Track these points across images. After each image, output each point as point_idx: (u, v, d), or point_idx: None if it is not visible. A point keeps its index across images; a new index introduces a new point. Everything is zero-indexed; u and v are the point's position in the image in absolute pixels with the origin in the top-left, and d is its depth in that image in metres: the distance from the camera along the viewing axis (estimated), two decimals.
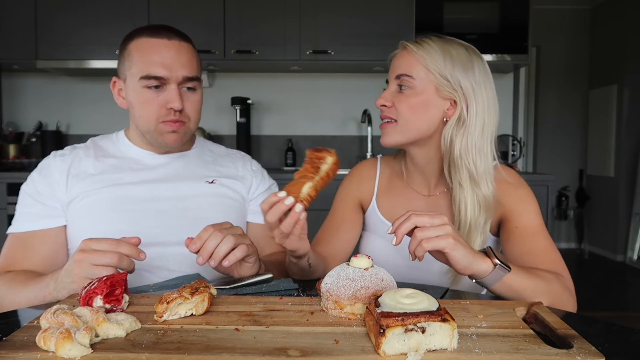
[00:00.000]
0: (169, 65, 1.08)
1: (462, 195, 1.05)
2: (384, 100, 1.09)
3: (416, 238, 0.81)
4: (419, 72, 1.05)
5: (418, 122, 1.06)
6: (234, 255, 0.90)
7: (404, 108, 1.06)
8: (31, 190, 1.12)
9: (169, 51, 1.09)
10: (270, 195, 0.85)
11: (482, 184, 1.04)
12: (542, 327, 0.69)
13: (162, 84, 1.09)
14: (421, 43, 1.06)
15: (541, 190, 2.76)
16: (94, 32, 2.96)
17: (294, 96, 3.44)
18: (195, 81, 1.13)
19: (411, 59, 1.06)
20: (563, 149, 5.62)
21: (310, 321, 0.70)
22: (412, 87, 1.06)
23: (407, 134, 1.08)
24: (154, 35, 1.09)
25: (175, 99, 1.09)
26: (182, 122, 1.12)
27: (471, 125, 1.04)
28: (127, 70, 1.11)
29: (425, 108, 1.06)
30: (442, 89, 1.05)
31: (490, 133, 1.07)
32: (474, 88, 1.04)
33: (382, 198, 1.19)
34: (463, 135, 1.04)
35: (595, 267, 4.84)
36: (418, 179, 1.16)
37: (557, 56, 5.48)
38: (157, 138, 1.14)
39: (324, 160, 0.86)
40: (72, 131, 3.39)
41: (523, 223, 1.05)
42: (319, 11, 3.01)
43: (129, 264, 0.86)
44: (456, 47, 1.06)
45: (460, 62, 1.04)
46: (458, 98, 1.04)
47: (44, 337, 0.58)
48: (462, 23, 3.02)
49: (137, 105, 1.12)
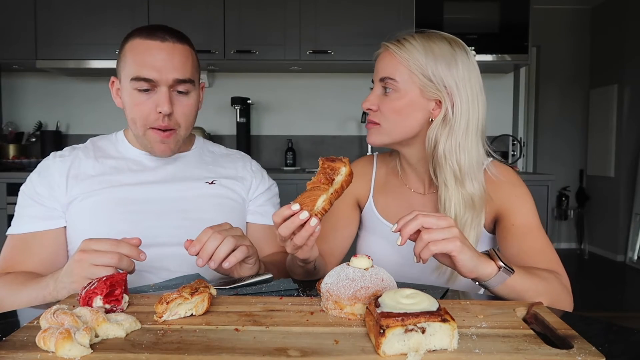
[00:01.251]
0: (159, 68, 1.06)
1: (447, 195, 1.04)
2: (370, 103, 1.08)
3: (422, 240, 0.80)
4: (402, 74, 1.03)
5: (402, 124, 1.06)
6: (234, 257, 0.89)
7: (389, 111, 1.05)
8: (31, 191, 1.12)
9: (161, 53, 1.07)
10: (283, 208, 0.82)
11: (467, 183, 1.03)
12: (542, 327, 0.69)
13: (153, 87, 1.08)
14: (403, 42, 1.04)
15: (541, 190, 2.76)
16: (94, 32, 2.96)
17: (294, 96, 3.44)
18: (188, 84, 1.10)
19: (393, 60, 1.05)
20: (563, 149, 5.62)
21: (310, 321, 0.70)
22: (396, 89, 1.04)
23: (391, 136, 1.07)
24: (148, 37, 1.08)
25: (165, 102, 1.07)
26: (171, 130, 1.11)
27: (456, 124, 1.02)
28: (122, 70, 1.11)
29: (410, 110, 1.05)
30: (426, 89, 1.03)
31: (476, 129, 1.04)
32: (458, 85, 1.02)
33: (378, 196, 1.19)
34: (448, 135, 1.03)
35: (595, 267, 4.84)
36: (412, 177, 1.16)
37: (557, 56, 5.47)
38: (147, 145, 1.14)
39: (338, 172, 0.83)
40: (72, 131, 3.39)
41: (519, 221, 1.04)
42: (319, 11, 3.01)
43: (129, 264, 0.85)
44: (439, 42, 1.04)
45: (444, 59, 1.02)
46: (442, 98, 1.03)
47: (44, 337, 0.58)
48: (462, 23, 3.02)
49: (128, 107, 1.12)
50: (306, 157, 3.45)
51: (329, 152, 3.45)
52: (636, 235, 4.73)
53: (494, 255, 0.84)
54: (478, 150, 1.05)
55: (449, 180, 1.03)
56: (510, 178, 1.10)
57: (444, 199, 1.04)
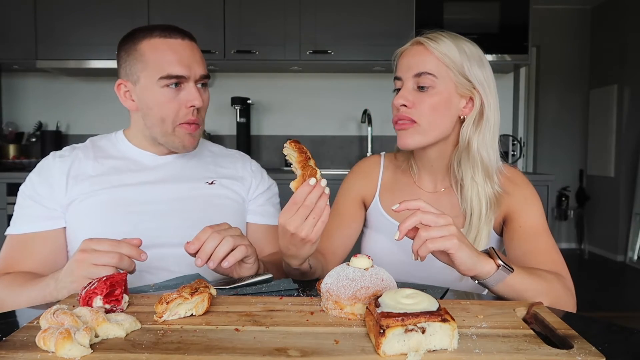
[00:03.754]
0: (188, 64, 1.09)
1: (475, 190, 1.05)
2: (404, 99, 1.04)
3: (420, 237, 0.80)
4: (439, 69, 1.03)
5: (440, 122, 1.05)
6: (233, 256, 0.89)
7: (426, 109, 1.03)
8: (30, 191, 1.11)
9: (185, 50, 1.10)
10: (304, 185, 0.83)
11: (494, 178, 1.06)
12: (542, 327, 0.69)
13: (181, 83, 1.10)
14: (436, 39, 1.04)
15: (541, 190, 2.76)
16: (94, 32, 2.96)
17: (294, 96, 3.44)
18: (207, 78, 1.15)
19: (430, 55, 1.03)
20: (563, 149, 5.62)
21: (310, 321, 0.70)
22: (434, 85, 1.03)
23: (428, 136, 1.05)
24: (167, 36, 1.10)
25: (197, 96, 1.10)
26: (197, 124, 1.14)
27: (486, 121, 1.05)
28: (140, 71, 1.10)
29: (447, 108, 1.04)
30: (460, 86, 1.04)
31: (498, 128, 1.08)
32: (489, 84, 1.05)
33: (384, 195, 1.19)
34: (480, 132, 1.05)
35: (595, 267, 4.84)
36: (425, 175, 1.16)
37: (557, 56, 5.48)
38: (174, 141, 1.13)
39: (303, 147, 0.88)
40: (72, 131, 3.39)
41: (527, 223, 1.05)
42: (319, 11, 3.01)
43: (129, 264, 0.85)
44: (466, 42, 1.06)
45: (474, 59, 1.04)
46: (474, 95, 1.04)
47: (44, 337, 0.58)
48: (462, 23, 3.02)
49: (155, 105, 1.11)
50: None
51: (329, 152, 3.45)
52: (636, 235, 4.73)
53: (493, 254, 0.84)
54: (498, 149, 1.09)
55: (478, 175, 1.05)
56: (519, 180, 1.11)
57: (470, 195, 1.06)
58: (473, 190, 1.05)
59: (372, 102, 3.29)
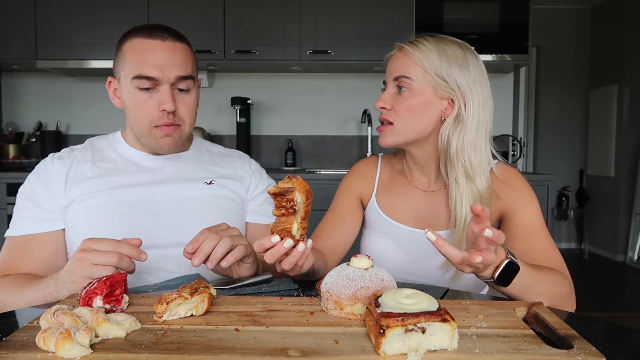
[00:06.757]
0: (161, 66, 1.07)
1: (458, 192, 1.06)
2: (383, 102, 1.10)
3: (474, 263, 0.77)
4: (416, 73, 1.06)
5: (416, 123, 1.08)
6: (232, 256, 0.89)
7: (403, 110, 1.07)
8: (29, 193, 1.11)
9: (162, 52, 1.08)
10: (264, 240, 0.81)
11: (477, 180, 1.06)
12: (542, 327, 0.69)
13: (155, 85, 1.08)
14: (416, 44, 1.07)
15: (541, 190, 2.76)
16: (94, 32, 2.96)
17: (294, 96, 3.44)
18: (189, 80, 1.11)
19: (408, 60, 1.07)
20: (563, 149, 5.62)
21: (310, 321, 0.70)
22: (410, 88, 1.06)
23: (404, 136, 1.09)
24: (148, 36, 1.09)
25: (168, 100, 1.07)
26: (176, 125, 1.11)
27: (467, 122, 1.05)
28: (121, 70, 1.11)
29: (424, 109, 1.07)
30: (439, 89, 1.06)
31: (485, 129, 1.08)
32: (470, 86, 1.06)
33: (382, 194, 1.20)
34: (460, 133, 1.06)
35: (595, 267, 4.84)
36: (418, 175, 1.18)
37: (557, 56, 5.48)
38: (151, 142, 1.13)
39: (293, 201, 0.77)
40: (72, 131, 3.39)
41: (524, 221, 1.05)
42: (319, 11, 3.01)
43: (129, 264, 0.85)
44: (451, 45, 1.07)
45: (456, 61, 1.05)
46: (455, 97, 1.06)
47: (44, 337, 0.58)
48: (462, 23, 3.02)
49: (130, 107, 1.11)
50: (306, 157, 3.45)
51: (329, 152, 3.45)
52: (636, 235, 4.73)
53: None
54: (487, 150, 1.08)
55: (460, 177, 1.06)
56: (516, 179, 1.12)
57: (454, 196, 1.07)
58: (457, 191, 1.06)
59: (372, 102, 3.25)
